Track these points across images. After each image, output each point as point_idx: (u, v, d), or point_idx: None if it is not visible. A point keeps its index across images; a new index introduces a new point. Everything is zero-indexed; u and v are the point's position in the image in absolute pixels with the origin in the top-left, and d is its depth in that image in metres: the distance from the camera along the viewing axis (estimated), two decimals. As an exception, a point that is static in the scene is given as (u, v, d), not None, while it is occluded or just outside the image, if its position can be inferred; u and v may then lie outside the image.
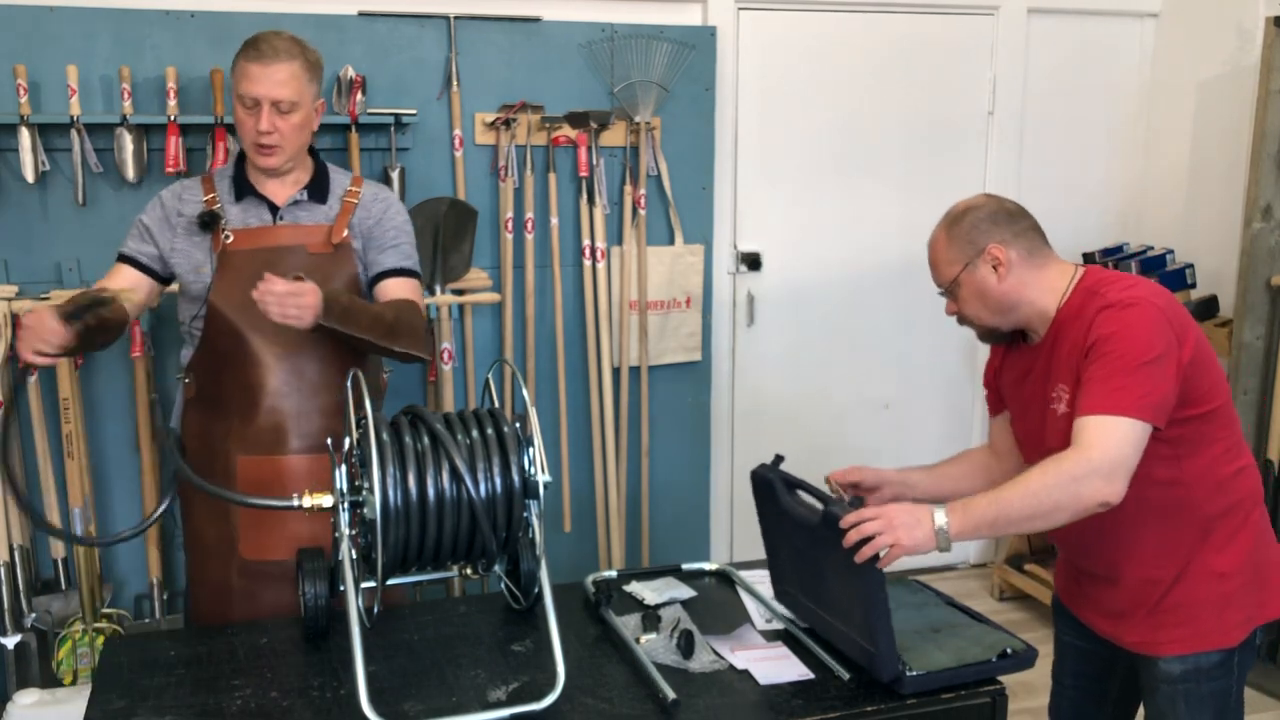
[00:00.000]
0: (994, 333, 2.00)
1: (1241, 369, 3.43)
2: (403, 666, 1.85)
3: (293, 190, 2.32)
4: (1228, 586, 1.90)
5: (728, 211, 3.70)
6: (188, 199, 2.32)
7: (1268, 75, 3.33)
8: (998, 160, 3.98)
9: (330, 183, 2.36)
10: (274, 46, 2.22)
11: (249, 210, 2.30)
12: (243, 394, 2.25)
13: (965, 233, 1.93)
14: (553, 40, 3.35)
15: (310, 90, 2.26)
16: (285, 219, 2.30)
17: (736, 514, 3.93)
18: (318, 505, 1.80)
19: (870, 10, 3.76)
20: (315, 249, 2.28)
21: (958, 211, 1.97)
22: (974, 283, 1.93)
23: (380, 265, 2.35)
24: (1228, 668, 1.92)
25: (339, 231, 2.30)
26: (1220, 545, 1.89)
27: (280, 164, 2.26)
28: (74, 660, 3.00)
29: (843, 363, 3.96)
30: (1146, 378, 1.75)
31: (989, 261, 1.91)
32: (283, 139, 2.22)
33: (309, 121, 2.28)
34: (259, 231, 2.28)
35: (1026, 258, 1.92)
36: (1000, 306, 1.94)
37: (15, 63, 2.85)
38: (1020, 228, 1.94)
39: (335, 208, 2.33)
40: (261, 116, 2.20)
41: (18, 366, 2.06)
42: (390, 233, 2.36)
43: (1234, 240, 3.54)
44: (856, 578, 1.75)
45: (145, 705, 1.73)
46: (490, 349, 3.43)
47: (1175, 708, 1.93)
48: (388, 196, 2.40)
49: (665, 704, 1.72)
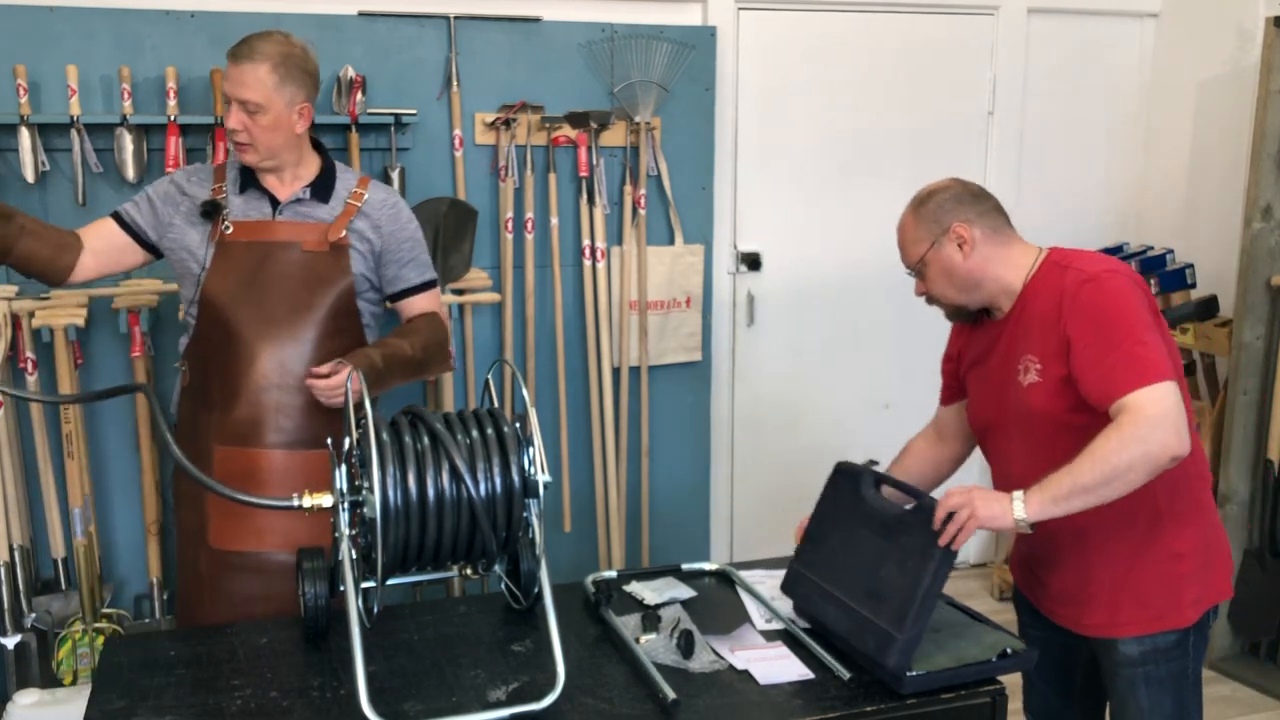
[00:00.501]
0: (961, 310, 2.07)
1: (1241, 369, 3.43)
2: (403, 666, 1.85)
3: (296, 187, 2.33)
4: (1183, 567, 1.95)
5: (728, 211, 3.70)
6: (196, 183, 2.35)
7: (1268, 75, 3.33)
8: (998, 160, 3.98)
9: (336, 182, 2.36)
10: (250, 47, 2.24)
11: (250, 203, 2.32)
12: (226, 384, 2.27)
13: (931, 213, 2.00)
14: (553, 40, 3.35)
15: (282, 94, 2.24)
16: (285, 215, 2.31)
17: (736, 514, 3.94)
18: (318, 505, 1.81)
19: (870, 10, 3.76)
20: (311, 247, 2.29)
21: (924, 194, 2.04)
22: (940, 260, 2.00)
23: (404, 282, 2.39)
24: (1184, 648, 1.97)
25: (336, 231, 2.30)
26: (1175, 525, 1.93)
27: (256, 161, 2.28)
28: (74, 660, 3.00)
29: (843, 363, 3.96)
30: (1153, 342, 1.82)
31: (954, 240, 1.98)
32: (252, 138, 2.24)
33: (282, 124, 2.26)
34: (257, 225, 2.30)
35: (991, 235, 1.99)
36: (966, 283, 2.00)
37: (15, 63, 2.85)
38: (984, 208, 2.01)
39: (338, 208, 2.34)
40: (230, 114, 2.24)
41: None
42: (406, 245, 2.38)
43: (1234, 240, 3.54)
44: (922, 559, 1.80)
45: (145, 705, 1.73)
46: (490, 349, 3.43)
47: (1136, 692, 1.98)
48: (395, 202, 2.40)
49: (665, 704, 1.72)
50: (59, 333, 2.86)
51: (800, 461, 3.98)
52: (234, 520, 2.25)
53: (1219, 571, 2.02)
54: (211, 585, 2.30)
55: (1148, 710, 1.98)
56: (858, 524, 1.98)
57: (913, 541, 1.84)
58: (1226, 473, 3.46)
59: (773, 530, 3.93)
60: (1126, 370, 1.80)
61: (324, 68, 3.08)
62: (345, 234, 2.31)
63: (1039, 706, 2.27)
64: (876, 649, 1.79)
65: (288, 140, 2.29)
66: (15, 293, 2.93)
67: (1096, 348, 1.83)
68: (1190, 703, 2.01)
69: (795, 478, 3.98)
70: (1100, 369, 1.82)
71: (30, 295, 2.94)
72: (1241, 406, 3.44)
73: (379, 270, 2.37)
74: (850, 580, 1.92)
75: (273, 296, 2.25)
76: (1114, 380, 1.81)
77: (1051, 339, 1.89)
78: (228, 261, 2.27)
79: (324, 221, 2.32)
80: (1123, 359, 1.80)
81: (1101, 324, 1.84)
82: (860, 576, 1.90)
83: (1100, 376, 1.82)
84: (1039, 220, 4.06)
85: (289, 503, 1.83)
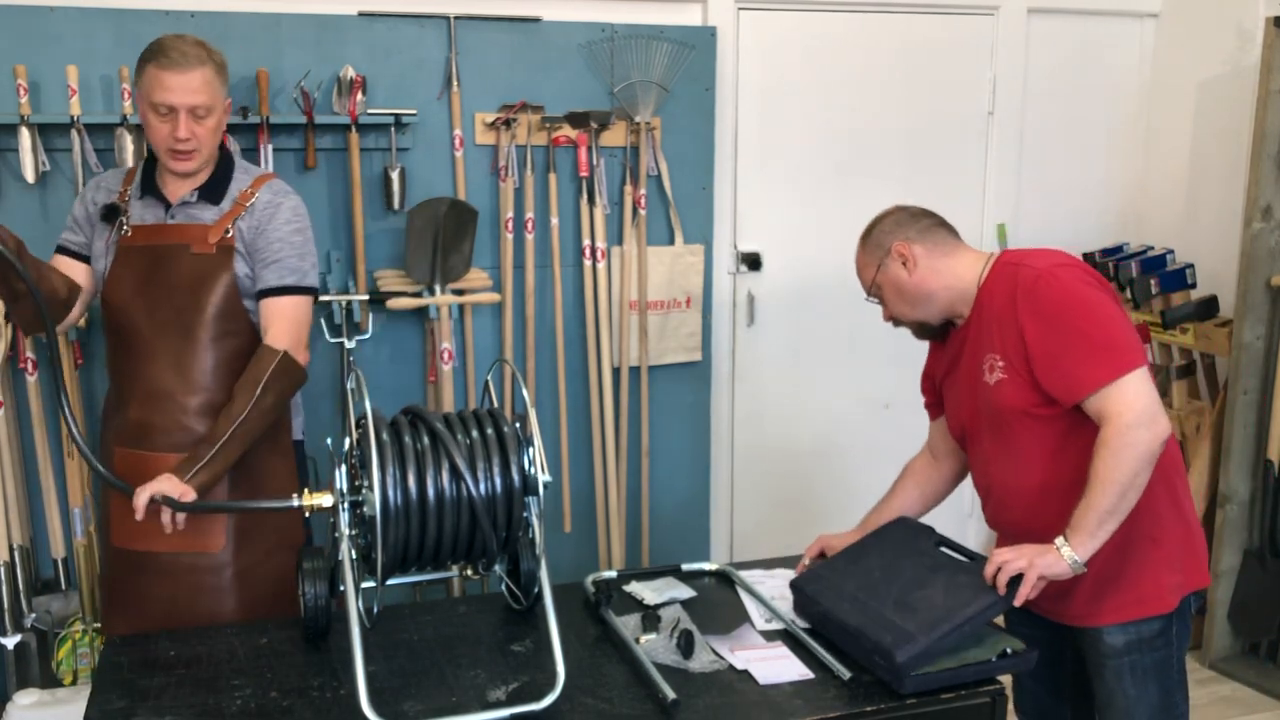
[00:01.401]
0: (925, 326, 2.15)
1: (1241, 369, 3.43)
2: (403, 666, 1.85)
3: (186, 189, 2.31)
4: (1162, 552, 1.99)
5: (728, 211, 3.70)
6: (104, 188, 2.38)
7: (1268, 75, 3.33)
8: (998, 160, 3.98)
9: (230, 183, 2.34)
10: (184, 53, 2.22)
11: (147, 207, 2.33)
12: (127, 384, 2.29)
13: (875, 240, 2.13)
14: (553, 40, 3.35)
15: (222, 93, 2.28)
16: (177, 217, 2.31)
17: (736, 514, 3.93)
18: (317, 505, 1.81)
19: (870, 10, 3.76)
20: (199, 249, 2.28)
21: (869, 225, 2.17)
22: (889, 280, 2.11)
23: (262, 282, 2.31)
24: (1167, 637, 2.02)
25: (215, 233, 2.28)
26: (1151, 513, 1.95)
27: (196, 167, 2.28)
28: (74, 660, 3.00)
29: (843, 363, 3.96)
30: (1117, 329, 1.89)
31: (897, 259, 2.09)
32: (200, 144, 2.24)
33: (221, 125, 2.30)
34: (152, 229, 2.31)
35: (933, 249, 2.08)
36: (917, 297, 2.09)
37: (15, 63, 2.85)
38: (923, 225, 2.11)
39: (226, 208, 2.32)
40: (180, 124, 2.20)
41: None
42: (274, 245, 2.30)
43: (1234, 240, 3.54)
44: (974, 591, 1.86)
45: (145, 705, 1.73)
46: (490, 349, 3.43)
47: (1122, 681, 2.02)
48: (280, 202, 2.33)
49: (665, 704, 1.72)
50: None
51: (800, 461, 3.98)
52: (132, 518, 2.13)
53: (1196, 558, 2.06)
54: (119, 586, 2.29)
55: (1134, 699, 2.01)
56: (903, 556, 2.02)
57: (968, 579, 1.89)
58: (1226, 473, 3.46)
59: (773, 530, 3.93)
60: (1089, 364, 1.87)
61: (324, 68, 3.11)
62: (230, 234, 2.28)
63: (1031, 706, 2.29)
64: (893, 643, 1.78)
65: (219, 139, 2.31)
66: (15, 293, 2.93)
67: (1054, 343, 1.89)
68: (1176, 692, 2.05)
69: (795, 478, 3.98)
70: (1062, 366, 1.89)
71: (30, 295, 2.94)
72: (1241, 406, 3.44)
73: (251, 269, 2.32)
74: (882, 592, 1.93)
75: (164, 299, 2.25)
76: (1078, 377, 1.88)
77: (1010, 336, 1.95)
78: (125, 265, 2.29)
79: (212, 222, 2.31)
80: (1082, 353, 1.87)
81: (1055, 319, 1.90)
82: (894, 591, 1.92)
83: (1063, 373, 1.89)
84: (1039, 220, 4.07)
85: (287, 503, 1.83)
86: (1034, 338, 1.91)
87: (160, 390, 2.25)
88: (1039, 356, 1.90)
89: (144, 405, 2.26)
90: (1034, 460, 1.99)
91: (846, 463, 4.01)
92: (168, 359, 2.25)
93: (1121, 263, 3.75)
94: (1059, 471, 1.95)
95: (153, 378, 2.25)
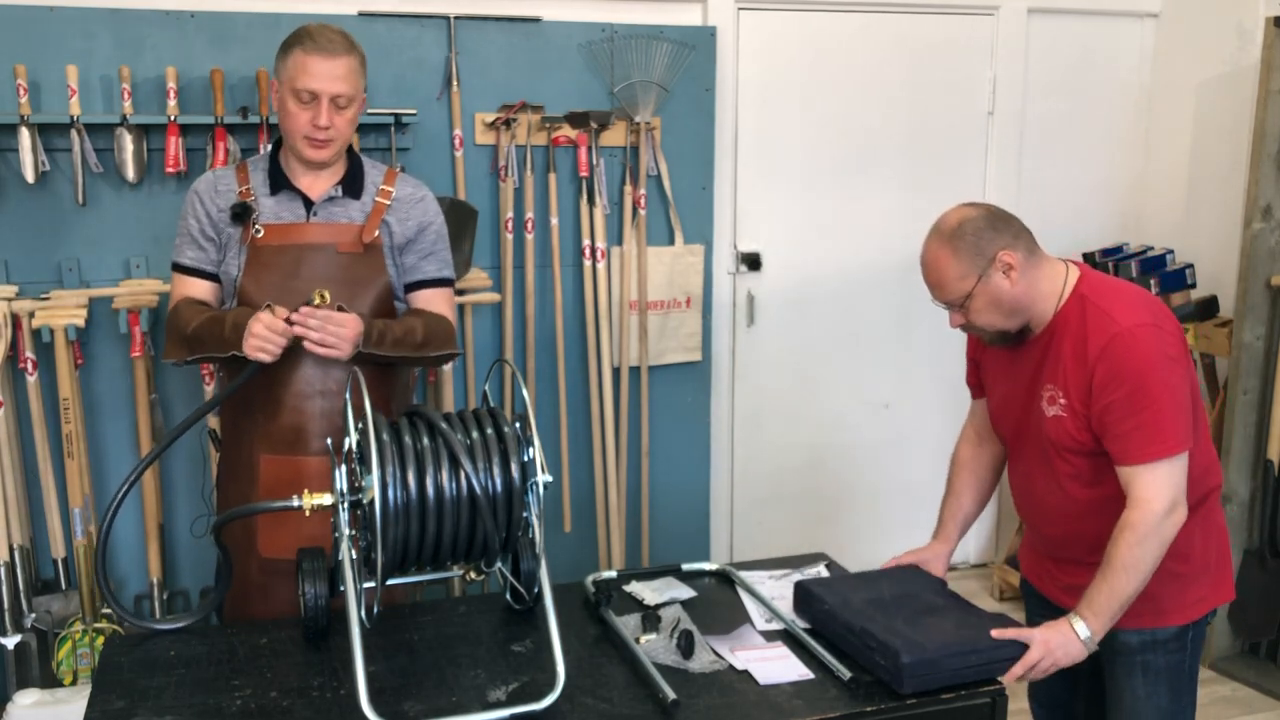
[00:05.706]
0: (1006, 335, 2.02)
1: (1241, 369, 3.43)
2: (403, 666, 1.85)
3: (328, 184, 2.28)
4: (1189, 568, 1.99)
5: (728, 211, 3.70)
6: (223, 189, 2.29)
7: (1268, 75, 3.33)
8: (998, 160, 3.98)
9: (364, 178, 2.33)
10: (331, 40, 2.21)
11: (283, 204, 2.27)
12: (268, 391, 2.22)
13: (971, 245, 1.92)
14: (553, 40, 3.35)
15: (362, 85, 2.27)
16: (319, 215, 2.27)
17: (736, 514, 3.94)
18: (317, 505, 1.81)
19: (870, 10, 3.76)
20: (345, 248, 2.25)
21: (952, 225, 1.95)
22: (989, 292, 1.93)
23: (420, 273, 2.35)
24: (1182, 642, 2.01)
25: (369, 232, 2.27)
26: (1185, 530, 1.93)
27: (331, 158, 2.25)
28: (74, 660, 3.00)
29: (843, 363, 3.96)
30: (1173, 412, 1.86)
31: (1001, 268, 1.92)
32: (337, 133, 2.22)
33: (357, 117, 2.28)
34: (291, 228, 2.25)
35: (1028, 257, 1.95)
36: (1014, 309, 1.96)
37: (15, 63, 2.85)
38: (1017, 229, 1.97)
39: (369, 204, 2.30)
40: (320, 111, 2.18)
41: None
42: (431, 238, 2.35)
43: (1234, 240, 3.54)
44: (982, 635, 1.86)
45: (145, 705, 1.73)
46: (490, 349, 3.43)
47: (1133, 680, 2.02)
48: (423, 194, 2.37)
49: (665, 704, 1.72)
50: (59, 333, 2.85)
51: (800, 461, 3.98)
52: (283, 529, 2.20)
53: (1223, 572, 2.06)
54: (262, 592, 2.27)
55: (1143, 699, 2.01)
56: (917, 591, 2.02)
57: (979, 622, 1.90)
58: (1227, 473, 3.46)
59: (773, 530, 3.94)
60: (1143, 440, 1.86)
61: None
62: (378, 234, 2.28)
63: (1046, 695, 2.29)
64: (901, 645, 1.77)
65: (352, 134, 2.29)
66: (15, 293, 2.93)
67: (1120, 410, 1.87)
68: (1185, 697, 2.04)
69: (795, 478, 3.99)
70: (1120, 431, 1.87)
71: (30, 295, 2.94)
72: (1241, 406, 3.44)
73: (398, 262, 2.33)
74: (892, 609, 1.93)
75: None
76: (1130, 448, 1.87)
77: (1079, 379, 1.91)
78: (261, 266, 2.22)
79: (355, 221, 2.28)
80: (1141, 427, 1.85)
81: (1127, 388, 1.86)
82: (905, 612, 1.92)
83: (1119, 437, 1.88)
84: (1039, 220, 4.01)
85: (286, 503, 1.83)
86: (1104, 398, 1.87)
87: (309, 394, 2.21)
88: (1104, 417, 1.88)
89: (293, 411, 2.22)
90: (1079, 485, 1.99)
91: (846, 463, 4.01)
92: (312, 361, 2.19)
93: (1121, 263, 3.75)
94: (1104, 491, 1.94)
95: (300, 382, 2.21)
